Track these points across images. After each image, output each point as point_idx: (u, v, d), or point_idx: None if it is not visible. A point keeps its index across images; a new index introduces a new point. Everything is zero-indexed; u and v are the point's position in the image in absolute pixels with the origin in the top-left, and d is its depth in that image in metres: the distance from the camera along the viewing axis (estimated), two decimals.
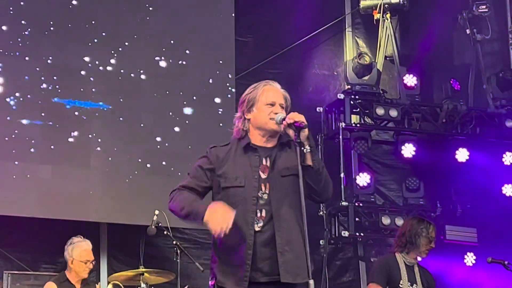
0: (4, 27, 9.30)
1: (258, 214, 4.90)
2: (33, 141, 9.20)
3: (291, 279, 4.86)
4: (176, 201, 5.04)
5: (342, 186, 10.00)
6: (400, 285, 7.14)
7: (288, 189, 4.93)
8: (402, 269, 7.19)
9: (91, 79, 9.62)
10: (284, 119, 4.87)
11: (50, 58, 9.48)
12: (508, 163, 10.38)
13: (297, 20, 10.62)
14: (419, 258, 7.30)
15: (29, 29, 9.38)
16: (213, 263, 5.06)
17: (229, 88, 10.12)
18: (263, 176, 4.95)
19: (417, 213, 9.69)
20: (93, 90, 9.58)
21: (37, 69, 9.41)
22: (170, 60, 9.97)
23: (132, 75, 9.79)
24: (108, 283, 8.19)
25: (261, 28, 10.69)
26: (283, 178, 4.95)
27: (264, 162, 4.98)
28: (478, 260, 10.00)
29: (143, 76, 9.84)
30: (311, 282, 4.69)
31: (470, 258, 10.15)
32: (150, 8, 10.00)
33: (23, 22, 9.40)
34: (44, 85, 9.37)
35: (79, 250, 7.86)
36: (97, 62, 9.66)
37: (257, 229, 4.88)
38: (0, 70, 9.22)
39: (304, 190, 4.79)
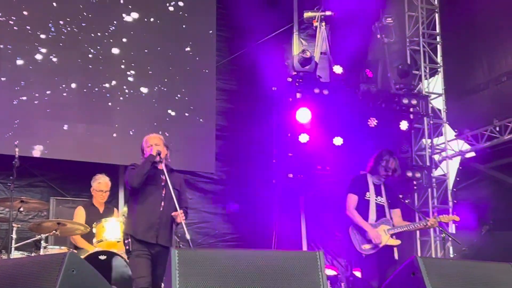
0: None
1: (163, 203, 6.04)
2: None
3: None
4: (133, 172, 6.05)
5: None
6: (366, 196, 7.03)
7: (174, 193, 5.98)
8: (370, 185, 7.08)
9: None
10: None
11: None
12: (404, 128, 10.27)
13: (260, 25, 10.45)
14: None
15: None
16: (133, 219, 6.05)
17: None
18: (162, 184, 6.08)
19: None
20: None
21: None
22: None
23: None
24: (125, 205, 8.13)
25: (235, 29, 10.53)
26: (174, 189, 6.01)
27: (162, 177, 6.08)
28: None
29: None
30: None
31: None
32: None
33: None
34: None
35: (96, 182, 7.96)
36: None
37: (161, 209, 6.03)
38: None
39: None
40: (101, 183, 7.92)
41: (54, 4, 9.24)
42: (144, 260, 5.90)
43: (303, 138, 9.79)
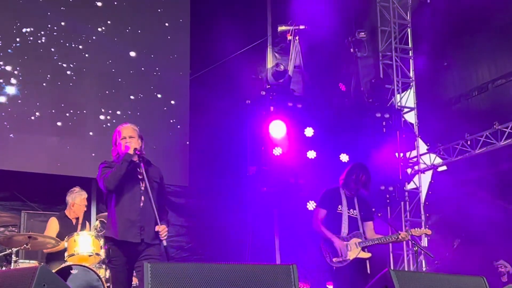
0: None
1: (142, 198, 5.55)
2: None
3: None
4: (108, 173, 5.56)
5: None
6: (338, 209, 7.04)
7: (154, 187, 5.62)
8: (343, 199, 7.09)
9: None
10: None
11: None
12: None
13: (234, 39, 10.46)
14: None
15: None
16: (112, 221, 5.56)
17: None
18: (140, 177, 5.60)
19: None
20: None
21: None
22: None
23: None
24: (96, 219, 8.05)
25: (209, 43, 10.51)
26: (154, 182, 5.65)
27: (138, 170, 5.61)
28: None
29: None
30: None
31: None
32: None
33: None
34: None
35: (80, 198, 7.93)
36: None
37: (141, 204, 5.55)
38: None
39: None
40: (84, 198, 7.96)
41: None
42: (124, 274, 5.52)
43: (277, 151, 9.81)
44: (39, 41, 9.14)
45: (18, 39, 9.03)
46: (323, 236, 7.03)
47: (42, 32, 9.16)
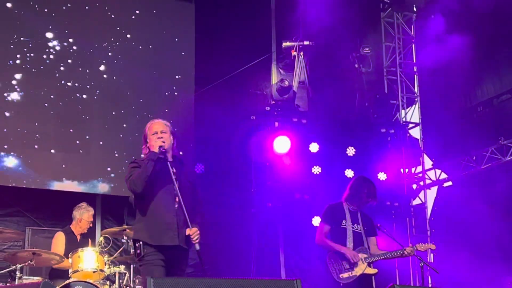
0: None
1: (177, 199, 5.21)
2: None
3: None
4: (134, 174, 5.24)
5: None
6: (343, 224, 7.00)
7: (188, 187, 5.37)
8: (346, 214, 7.05)
9: None
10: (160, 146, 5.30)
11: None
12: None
13: (239, 54, 10.47)
14: None
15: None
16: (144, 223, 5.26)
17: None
18: (174, 176, 5.26)
19: None
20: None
21: None
22: None
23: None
24: (101, 235, 8.02)
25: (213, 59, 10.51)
26: (187, 182, 5.39)
27: (172, 169, 5.29)
28: None
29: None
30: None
31: None
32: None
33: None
34: None
35: (87, 214, 7.98)
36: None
37: (176, 206, 5.23)
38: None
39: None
40: (91, 214, 7.98)
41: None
42: (160, 268, 5.13)
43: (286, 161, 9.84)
44: (44, 57, 9.15)
45: (18, 56, 9.03)
46: (330, 248, 6.98)
47: (48, 50, 9.18)
